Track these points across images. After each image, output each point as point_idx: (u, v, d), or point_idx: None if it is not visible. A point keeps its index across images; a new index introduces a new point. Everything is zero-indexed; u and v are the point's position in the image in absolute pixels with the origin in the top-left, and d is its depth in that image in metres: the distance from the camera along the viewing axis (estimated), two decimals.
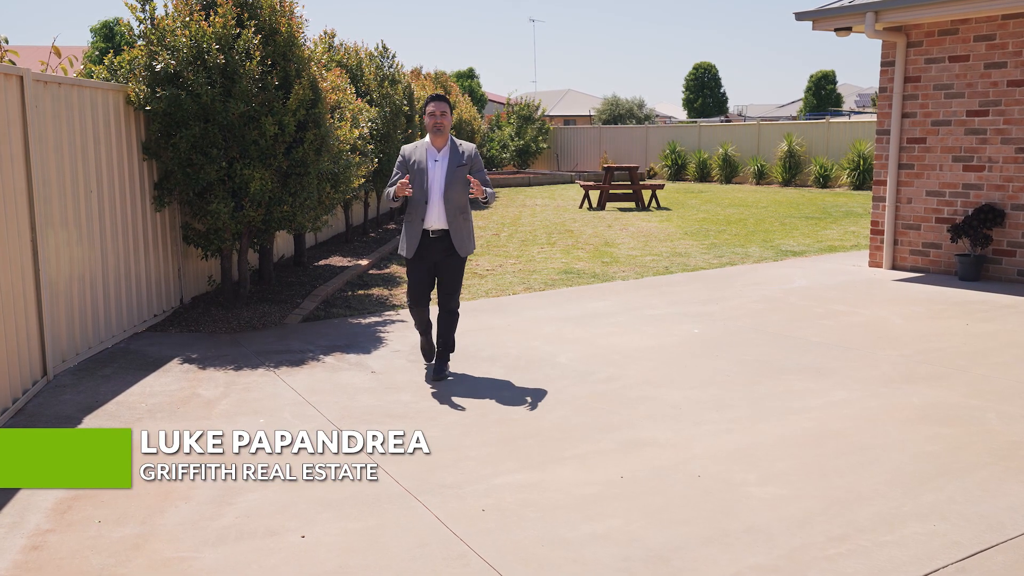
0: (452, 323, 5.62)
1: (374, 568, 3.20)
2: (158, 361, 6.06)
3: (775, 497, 3.74)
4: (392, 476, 4.00)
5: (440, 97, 5.46)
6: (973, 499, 3.69)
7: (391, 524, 3.55)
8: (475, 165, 5.43)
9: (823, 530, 3.42)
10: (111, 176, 6.50)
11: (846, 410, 4.90)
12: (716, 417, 4.82)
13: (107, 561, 3.26)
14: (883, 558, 3.20)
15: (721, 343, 6.50)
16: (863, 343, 6.41)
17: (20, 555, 3.31)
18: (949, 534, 3.37)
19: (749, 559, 3.21)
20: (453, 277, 5.52)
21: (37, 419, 4.84)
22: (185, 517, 3.62)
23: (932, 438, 4.43)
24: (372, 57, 12.96)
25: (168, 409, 5.04)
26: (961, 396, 5.11)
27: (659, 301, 8.15)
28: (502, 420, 4.78)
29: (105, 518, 3.61)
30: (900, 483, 3.87)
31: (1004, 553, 3.22)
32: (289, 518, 3.60)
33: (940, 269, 9.21)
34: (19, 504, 3.73)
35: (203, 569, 3.21)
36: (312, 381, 5.59)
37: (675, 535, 3.41)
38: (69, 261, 5.92)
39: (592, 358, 6.08)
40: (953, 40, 8.85)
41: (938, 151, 9.11)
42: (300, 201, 7.45)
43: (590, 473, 4.05)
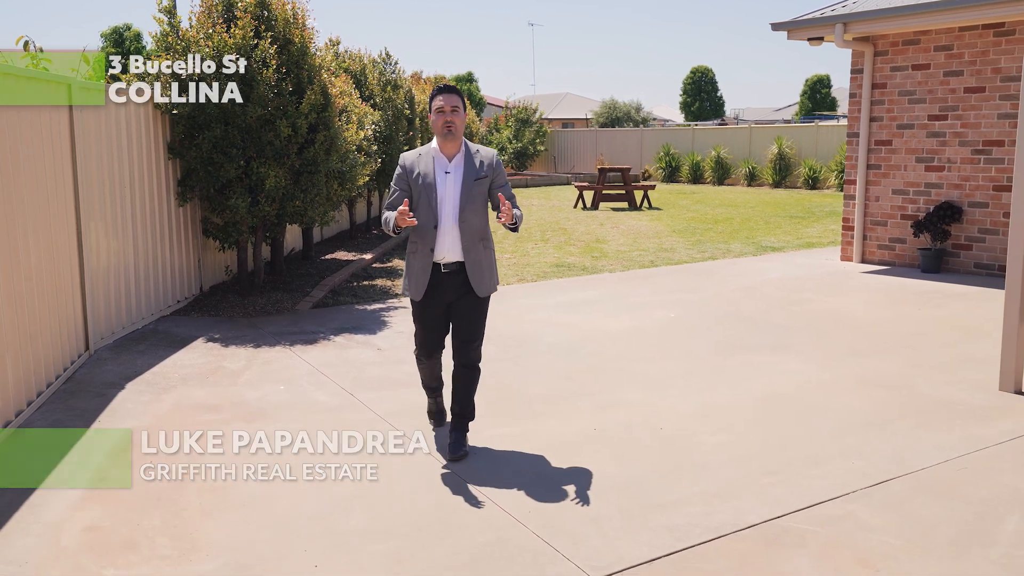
0: (473, 382, 4.35)
1: (382, 495, 3.86)
2: (185, 340, 6.72)
3: (722, 443, 4.41)
4: (396, 427, 4.66)
5: (450, 88, 4.17)
6: (888, 443, 4.37)
7: (395, 466, 4.21)
8: (498, 177, 4.22)
9: (759, 466, 4.10)
10: (140, 174, 7.16)
11: (796, 379, 5.57)
12: (682, 384, 5.49)
13: (164, 490, 3.92)
14: (805, 486, 3.87)
15: (695, 326, 7.17)
16: (823, 326, 7.08)
17: (90, 487, 3.98)
18: (863, 469, 4.04)
19: (695, 487, 3.88)
20: (473, 321, 4.26)
21: (85, 385, 5.50)
22: (224, 458, 4.28)
23: (865, 399, 5.10)
24: (375, 63, 13.64)
25: (198, 378, 5.71)
26: (898, 367, 5.79)
27: (642, 290, 8.82)
28: (495, 387, 5.44)
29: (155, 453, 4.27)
30: (829, 432, 4.55)
31: (903, 482, 3.89)
32: (313, 461, 4.26)
33: (905, 262, 9.89)
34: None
35: (244, 496, 3.86)
36: (324, 356, 6.25)
37: (636, 470, 4.08)
38: (107, 251, 6.58)
39: (577, 338, 6.75)
40: (916, 50, 9.54)
41: (903, 152, 9.79)
42: (311, 197, 8.12)
43: (568, 426, 4.72)
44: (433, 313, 4.27)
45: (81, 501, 3.79)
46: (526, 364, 5.98)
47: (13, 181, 4.90)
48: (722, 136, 28.68)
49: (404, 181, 4.19)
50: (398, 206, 4.06)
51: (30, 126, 5.25)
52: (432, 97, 4.15)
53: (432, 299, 4.22)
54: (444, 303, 4.24)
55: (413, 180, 4.17)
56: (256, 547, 3.37)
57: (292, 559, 3.28)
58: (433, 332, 4.34)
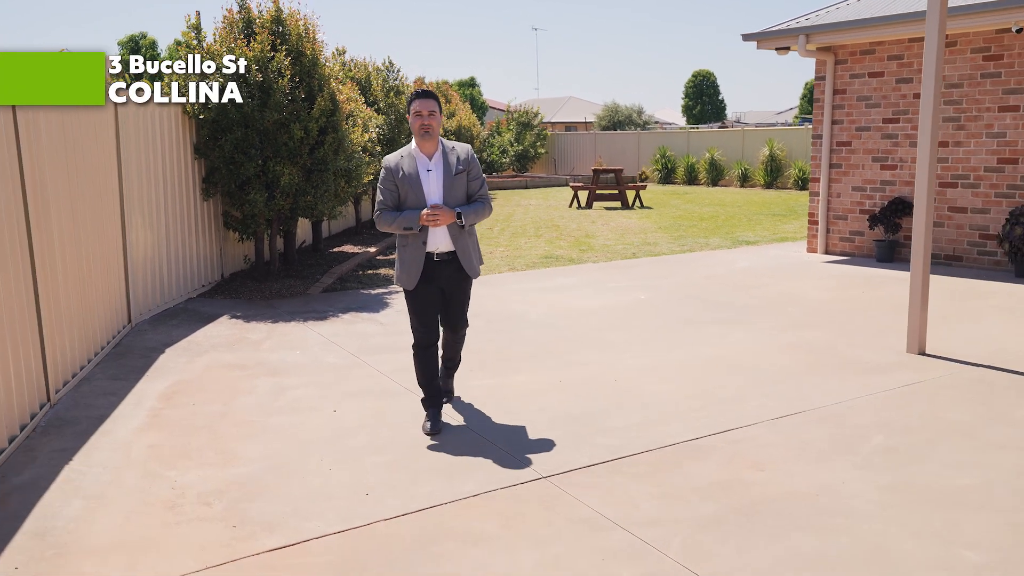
0: (460, 342, 5.04)
1: (382, 427, 4.79)
2: (211, 316, 7.68)
3: (663, 390, 5.34)
4: (395, 381, 5.61)
5: (427, 93, 4.54)
6: (799, 389, 5.29)
7: (393, 407, 5.15)
8: (472, 170, 4.64)
9: (688, 404, 5.03)
10: (170, 172, 8.12)
11: (738, 345, 6.49)
12: (639, 349, 6.42)
13: (206, 423, 4.87)
14: (722, 418, 4.79)
15: (662, 305, 8.10)
16: (773, 305, 8.00)
17: (146, 417, 4.93)
18: (772, 406, 4.97)
19: (633, 419, 4.80)
20: (461, 304, 4.81)
21: (132, 350, 6.46)
22: (252, 402, 5.23)
23: (790, 359, 6.03)
24: (379, 71, 14.62)
25: (226, 345, 6.66)
26: (827, 335, 6.71)
27: (620, 277, 9.75)
28: (479, 351, 6.37)
29: (197, 402, 5.22)
30: (753, 382, 5.47)
31: (801, 416, 4.82)
32: (326, 401, 5.21)
33: (863, 253, 10.80)
34: (135, 395, 5.35)
35: (270, 426, 4.81)
36: (334, 329, 7.20)
37: (589, 407, 5.01)
38: (144, 241, 7.54)
39: (554, 314, 7.69)
40: (871, 59, 10.46)
41: (861, 152, 10.71)
42: (321, 193, 9.08)
43: (537, 379, 5.65)
44: (426, 299, 4.64)
45: (141, 429, 4.74)
46: (508, 335, 6.91)
47: (77, 179, 5.87)
48: (716, 139, 29.60)
49: (391, 181, 4.56)
50: (392, 205, 4.55)
51: (88, 125, 6.22)
52: (410, 102, 4.54)
53: (425, 287, 4.62)
54: (438, 290, 4.65)
55: (399, 180, 4.53)
56: (283, 457, 4.31)
57: (311, 465, 4.22)
58: (428, 316, 4.68)
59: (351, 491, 3.89)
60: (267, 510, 3.70)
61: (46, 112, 5.29)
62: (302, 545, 3.39)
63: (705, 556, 3.25)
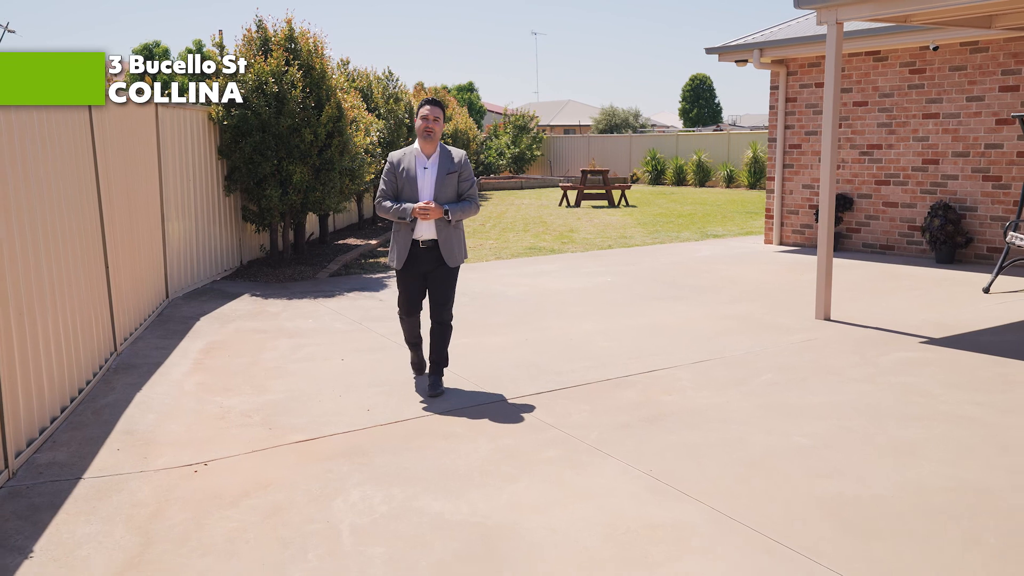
0: (445, 336, 5.45)
1: (379, 368, 6.05)
2: (234, 294, 8.95)
3: (609, 345, 6.60)
4: (392, 341, 6.87)
5: (435, 101, 5.14)
6: (718, 345, 6.55)
7: (389, 357, 6.40)
8: (464, 172, 5.23)
9: (626, 355, 6.28)
10: (198, 171, 9.39)
11: (679, 316, 7.75)
12: (597, 319, 7.68)
13: (240, 369, 6.13)
14: (652, 363, 6.04)
15: (624, 286, 9.36)
16: (718, 286, 9.26)
17: (192, 364, 6.20)
18: (692, 356, 6.22)
19: (580, 364, 6.06)
20: (444, 288, 5.33)
21: (172, 318, 7.73)
22: (276, 355, 6.49)
23: (718, 325, 7.29)
24: (380, 80, 15.91)
25: (249, 316, 7.92)
26: (754, 308, 7.97)
27: (592, 264, 11.02)
28: (462, 320, 7.55)
29: (231, 355, 6.49)
30: (683, 341, 6.73)
31: (713, 361, 6.08)
32: (335, 354, 6.47)
33: (811, 244, 12.05)
34: (181, 350, 6.62)
35: (292, 371, 6.06)
36: (341, 304, 8.46)
37: (546, 357, 6.27)
38: (178, 230, 8.81)
39: (530, 294, 8.95)
40: (817, 71, 11.72)
41: (809, 154, 11.97)
42: (328, 189, 10.34)
43: (507, 339, 6.91)
44: (411, 279, 5.32)
45: (190, 372, 6.01)
46: (489, 309, 8.17)
47: (132, 176, 7.13)
48: (703, 141, 30.88)
49: (392, 174, 5.21)
50: (391, 195, 5.23)
51: (138, 122, 7.48)
52: (420, 106, 5.15)
53: (411, 268, 5.26)
54: (421, 272, 5.28)
55: (399, 173, 5.18)
56: (303, 389, 5.57)
57: (325, 394, 5.47)
58: (411, 295, 5.37)
59: (356, 409, 5.15)
60: (293, 421, 4.96)
61: (111, 112, 6.55)
62: (320, 440, 4.65)
63: (612, 442, 4.51)
